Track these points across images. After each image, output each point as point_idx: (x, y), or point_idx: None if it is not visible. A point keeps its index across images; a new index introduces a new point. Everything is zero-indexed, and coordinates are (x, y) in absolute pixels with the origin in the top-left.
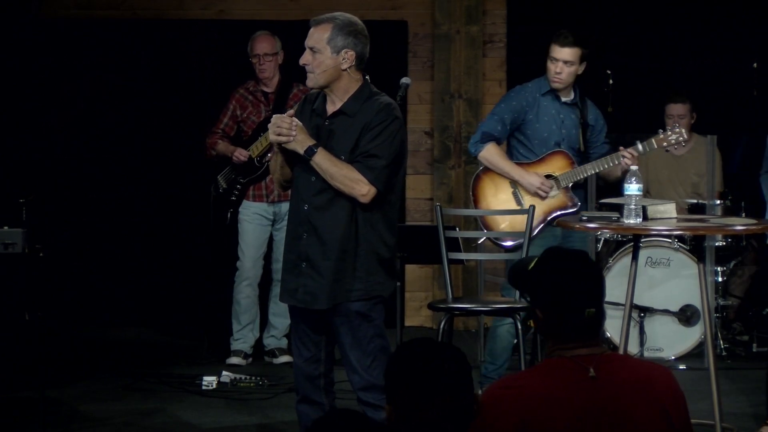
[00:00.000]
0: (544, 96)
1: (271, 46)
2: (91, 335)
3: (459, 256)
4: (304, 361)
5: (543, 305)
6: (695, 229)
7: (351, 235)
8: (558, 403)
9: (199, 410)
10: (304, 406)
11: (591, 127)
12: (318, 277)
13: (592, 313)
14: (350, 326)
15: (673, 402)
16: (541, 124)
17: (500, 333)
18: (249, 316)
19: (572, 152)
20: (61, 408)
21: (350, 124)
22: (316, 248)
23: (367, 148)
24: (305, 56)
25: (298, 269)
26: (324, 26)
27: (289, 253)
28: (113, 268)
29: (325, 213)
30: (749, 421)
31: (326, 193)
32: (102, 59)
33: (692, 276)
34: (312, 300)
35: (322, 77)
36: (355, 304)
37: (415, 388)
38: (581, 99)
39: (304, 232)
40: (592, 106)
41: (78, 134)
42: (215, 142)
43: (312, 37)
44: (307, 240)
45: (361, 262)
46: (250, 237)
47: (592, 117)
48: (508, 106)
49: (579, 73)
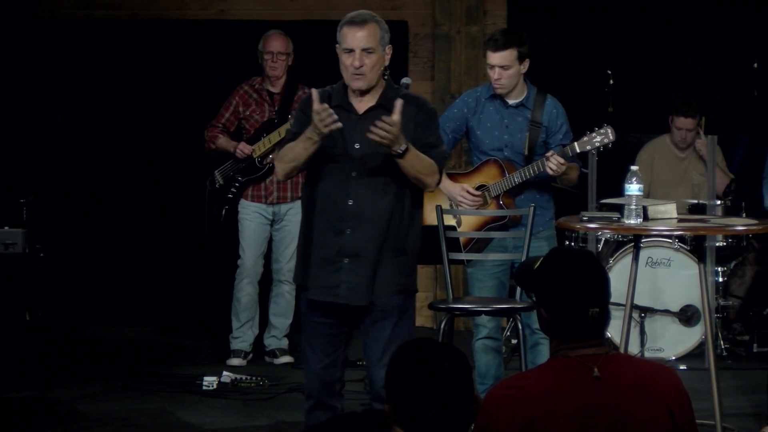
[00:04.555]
0: (489, 100)
1: (285, 45)
2: (91, 335)
3: (459, 256)
4: (323, 367)
5: (547, 304)
6: (696, 229)
7: (401, 229)
8: (562, 404)
9: (199, 411)
10: (318, 413)
11: (544, 128)
12: (363, 272)
13: (596, 313)
14: (389, 321)
15: (677, 401)
16: (483, 131)
17: (477, 349)
18: (249, 313)
19: (518, 158)
20: (61, 408)
21: None
22: (363, 243)
23: (430, 140)
24: (359, 59)
25: (338, 265)
26: (371, 26)
27: (324, 249)
28: (113, 268)
29: (373, 207)
30: (750, 422)
31: (373, 187)
32: (102, 59)
33: (693, 276)
34: (356, 296)
35: (375, 77)
36: (396, 299)
37: (415, 389)
38: (539, 98)
39: (348, 227)
40: (552, 105)
41: (78, 134)
42: (215, 135)
43: (363, 39)
44: (353, 235)
45: (406, 255)
46: (250, 235)
47: (547, 117)
48: (450, 114)
49: (524, 71)
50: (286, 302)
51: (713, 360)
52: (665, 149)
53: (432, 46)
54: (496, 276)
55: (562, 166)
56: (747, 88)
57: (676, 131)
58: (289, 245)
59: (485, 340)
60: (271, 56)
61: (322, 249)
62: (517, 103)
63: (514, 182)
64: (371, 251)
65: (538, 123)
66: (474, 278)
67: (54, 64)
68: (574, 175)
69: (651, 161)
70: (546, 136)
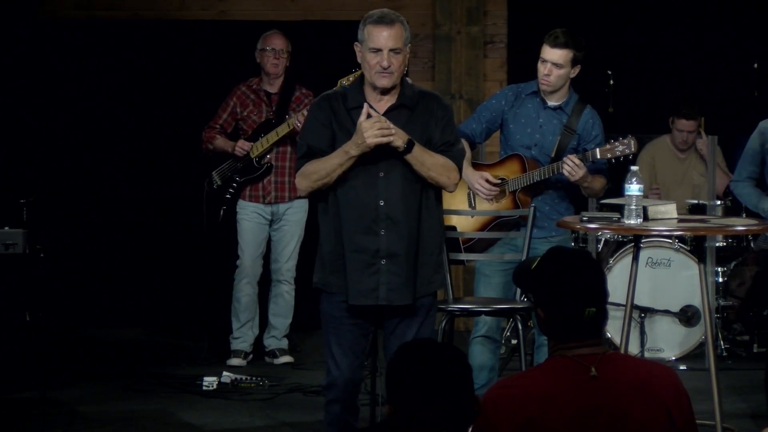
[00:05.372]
0: (529, 96)
1: (285, 44)
2: (91, 335)
3: (459, 257)
4: (353, 368)
5: (544, 304)
6: (696, 229)
7: (432, 227)
8: (561, 403)
9: (199, 411)
10: (347, 416)
11: (577, 135)
12: (402, 271)
13: (592, 313)
14: (416, 321)
15: (676, 402)
16: (516, 125)
17: (473, 350)
18: (248, 313)
19: (544, 159)
20: (62, 408)
21: (412, 116)
22: (399, 243)
23: (449, 138)
24: (387, 59)
25: (376, 267)
26: (398, 26)
27: (359, 252)
28: (113, 269)
29: (405, 206)
30: (750, 422)
31: (404, 186)
32: (102, 60)
33: (693, 276)
34: (397, 296)
35: (399, 76)
36: (427, 298)
37: (415, 389)
38: (578, 106)
39: (382, 228)
40: (590, 116)
41: (78, 135)
42: (213, 136)
43: (391, 39)
44: (387, 236)
45: (434, 253)
46: (248, 235)
47: (582, 126)
48: (488, 104)
49: (572, 76)
50: (285, 302)
51: (713, 360)
52: (665, 150)
53: (432, 46)
54: (505, 273)
55: (578, 169)
56: (747, 88)
57: (677, 133)
58: (288, 245)
59: (481, 338)
60: (273, 53)
61: (357, 253)
62: (555, 105)
63: (533, 180)
64: (407, 250)
65: (571, 129)
66: (481, 274)
67: (54, 64)
68: (598, 186)
69: (651, 162)
70: (577, 144)
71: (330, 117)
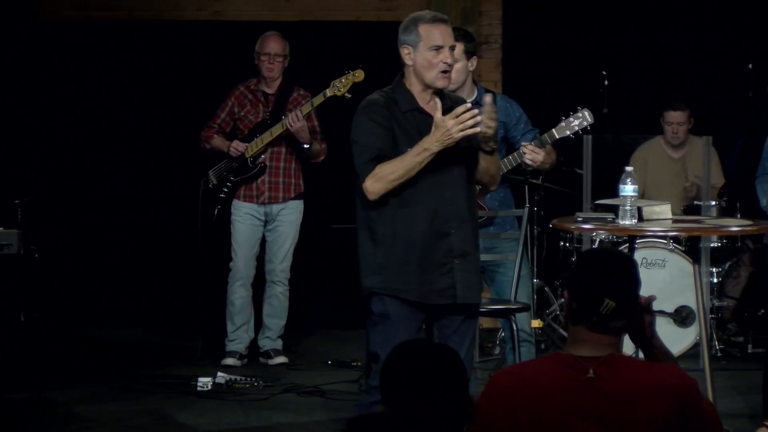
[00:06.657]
0: None
1: (282, 47)
2: (86, 336)
3: None
4: None
5: (570, 286)
6: (690, 230)
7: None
8: (552, 401)
9: (194, 411)
10: None
11: (503, 123)
12: (473, 269)
13: (611, 307)
14: (473, 321)
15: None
16: None
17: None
18: (243, 316)
19: None
20: (58, 409)
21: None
22: (470, 241)
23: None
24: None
25: (449, 266)
26: (449, 24)
27: (431, 253)
28: (108, 270)
29: (468, 206)
30: (745, 422)
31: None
32: (98, 60)
33: (687, 277)
34: (471, 294)
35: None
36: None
37: (411, 389)
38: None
39: (453, 228)
40: (504, 101)
41: (76, 134)
42: (211, 136)
43: (450, 36)
44: (458, 235)
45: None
46: (242, 237)
47: (502, 113)
48: None
49: (471, 69)
50: (279, 303)
51: (708, 361)
52: (659, 150)
53: None
54: None
55: (537, 154)
56: (743, 89)
57: (666, 127)
58: (282, 246)
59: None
60: (267, 58)
61: (429, 253)
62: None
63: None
64: (474, 248)
65: None
66: None
67: (53, 64)
68: (554, 157)
69: (645, 162)
70: (505, 132)
71: (390, 120)
